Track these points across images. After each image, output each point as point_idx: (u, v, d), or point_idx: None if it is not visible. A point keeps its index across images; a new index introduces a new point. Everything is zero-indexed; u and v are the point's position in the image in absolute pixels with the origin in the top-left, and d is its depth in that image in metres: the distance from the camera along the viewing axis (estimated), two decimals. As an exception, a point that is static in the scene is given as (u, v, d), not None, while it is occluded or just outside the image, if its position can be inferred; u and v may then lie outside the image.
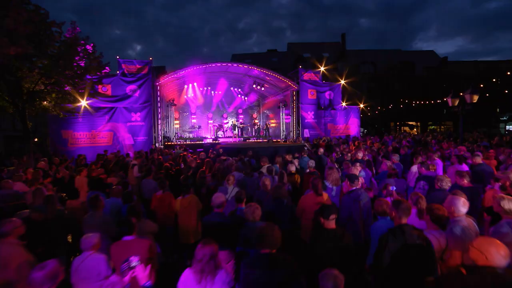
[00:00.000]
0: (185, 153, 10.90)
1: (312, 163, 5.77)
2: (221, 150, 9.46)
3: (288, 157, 7.17)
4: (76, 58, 9.25)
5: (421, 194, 3.09)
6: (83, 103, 12.79)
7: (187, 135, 19.07)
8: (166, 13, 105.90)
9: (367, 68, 30.44)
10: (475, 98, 8.55)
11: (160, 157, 8.55)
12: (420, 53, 33.32)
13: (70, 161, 9.69)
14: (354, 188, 3.55)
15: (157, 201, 4.53)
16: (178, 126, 19.85)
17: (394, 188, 3.75)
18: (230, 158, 7.60)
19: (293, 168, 5.55)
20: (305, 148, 10.72)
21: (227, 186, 4.60)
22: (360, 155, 7.17)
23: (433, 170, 4.91)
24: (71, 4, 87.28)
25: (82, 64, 9.50)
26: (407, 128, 29.76)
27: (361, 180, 4.02)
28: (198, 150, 14.18)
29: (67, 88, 9.18)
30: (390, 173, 4.79)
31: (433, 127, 29.09)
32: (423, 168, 4.68)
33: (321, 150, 7.81)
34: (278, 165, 6.68)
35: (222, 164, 6.83)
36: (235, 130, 19.83)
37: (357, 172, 4.88)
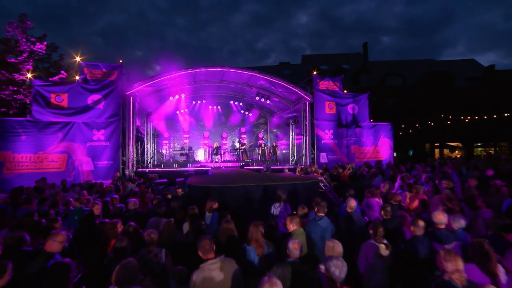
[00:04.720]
0: (138, 188, 7.32)
1: (337, 270, 1.92)
2: (180, 191, 5.76)
3: (294, 224, 3.25)
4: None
5: None
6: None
7: (178, 158, 15.71)
8: (186, 34, 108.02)
9: (394, 80, 26.32)
10: None
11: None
12: (458, 62, 28.64)
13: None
14: None
15: None
16: (167, 147, 16.63)
17: None
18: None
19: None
20: (322, 185, 6.76)
21: None
22: (443, 219, 3.24)
23: None
24: (99, 28, 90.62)
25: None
26: (447, 151, 24.76)
27: None
28: (177, 180, 10.72)
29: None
30: None
31: (483, 149, 23.94)
32: None
33: (353, 203, 3.76)
34: (255, 251, 2.88)
35: (134, 236, 3.13)
36: (235, 152, 16.26)
37: None
